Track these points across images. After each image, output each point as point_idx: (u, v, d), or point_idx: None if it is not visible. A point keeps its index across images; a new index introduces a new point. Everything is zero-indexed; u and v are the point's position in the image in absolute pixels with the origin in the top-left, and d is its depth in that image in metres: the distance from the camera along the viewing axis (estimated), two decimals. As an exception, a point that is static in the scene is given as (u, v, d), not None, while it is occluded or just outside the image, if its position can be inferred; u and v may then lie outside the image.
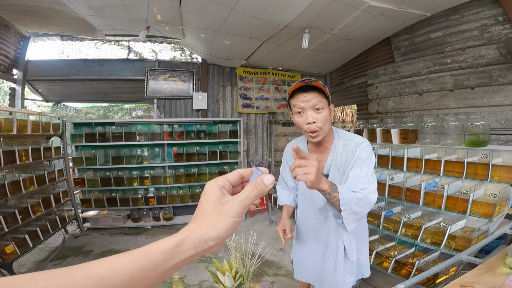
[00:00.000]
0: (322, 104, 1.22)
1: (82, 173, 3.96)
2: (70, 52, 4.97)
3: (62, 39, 4.53)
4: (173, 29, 3.87)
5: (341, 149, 1.33)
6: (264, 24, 3.32)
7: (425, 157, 2.35)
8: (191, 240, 0.41)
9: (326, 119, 1.24)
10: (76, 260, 3.09)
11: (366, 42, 4.16)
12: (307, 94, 1.21)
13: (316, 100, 1.20)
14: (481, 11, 2.91)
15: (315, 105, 1.21)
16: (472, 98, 3.05)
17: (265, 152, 5.55)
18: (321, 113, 1.22)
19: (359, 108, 5.02)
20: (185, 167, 4.26)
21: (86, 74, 4.60)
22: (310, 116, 1.21)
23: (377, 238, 2.59)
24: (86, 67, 4.60)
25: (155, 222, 4.18)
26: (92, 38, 4.68)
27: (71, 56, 4.93)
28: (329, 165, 1.35)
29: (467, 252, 1.50)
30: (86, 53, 4.96)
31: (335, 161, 1.33)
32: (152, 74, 4.74)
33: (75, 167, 3.94)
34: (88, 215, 4.06)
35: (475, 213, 1.97)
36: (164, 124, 4.25)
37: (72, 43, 4.82)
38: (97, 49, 5.08)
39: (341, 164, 1.33)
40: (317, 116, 1.22)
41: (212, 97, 5.13)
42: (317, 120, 1.21)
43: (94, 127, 3.89)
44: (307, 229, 1.51)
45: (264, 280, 2.67)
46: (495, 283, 1.07)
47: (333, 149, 1.35)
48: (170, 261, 0.40)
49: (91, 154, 3.87)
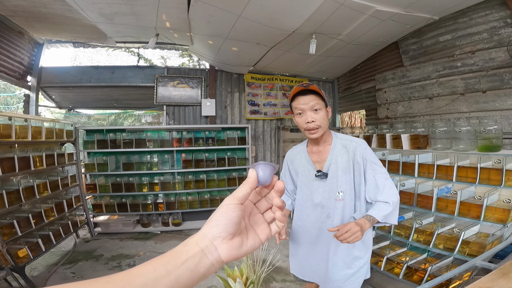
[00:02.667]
0: (320, 105, 1.39)
1: (94, 179, 4.04)
2: (83, 59, 5.09)
3: (74, 45, 4.62)
4: (182, 36, 3.94)
5: (341, 148, 1.46)
6: (271, 31, 3.36)
7: (437, 163, 2.31)
8: (194, 237, 0.44)
9: (324, 118, 1.40)
10: (87, 264, 3.13)
11: (373, 47, 4.15)
12: (306, 97, 1.38)
13: (314, 102, 1.38)
14: (489, 14, 2.87)
15: (313, 106, 1.38)
16: (484, 102, 2.99)
17: (273, 158, 5.54)
18: (319, 113, 1.39)
19: (368, 113, 4.98)
20: (194, 173, 4.30)
21: (98, 81, 4.67)
22: (309, 116, 1.38)
23: (388, 244, 2.55)
24: (98, 74, 4.67)
25: (164, 227, 4.21)
26: (104, 45, 4.76)
27: (83, 63, 5.05)
28: (328, 164, 1.46)
29: (482, 258, 1.46)
30: (97, 60, 5.07)
31: (335, 160, 1.44)
32: (161, 81, 4.81)
33: (87, 173, 4.02)
34: (99, 220, 4.12)
35: (489, 219, 1.93)
36: (173, 131, 4.32)
37: (84, 50, 4.91)
38: (108, 56, 5.18)
39: (343, 164, 1.43)
40: (315, 116, 1.38)
41: (220, 103, 5.17)
42: (315, 119, 1.38)
43: (106, 133, 3.98)
44: (306, 230, 1.56)
45: (272, 286, 2.65)
46: (510, 287, 1.05)
47: (333, 149, 1.47)
48: (177, 259, 0.41)
49: (103, 160, 3.95)
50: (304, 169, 1.54)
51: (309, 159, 1.53)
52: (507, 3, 2.69)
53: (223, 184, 4.33)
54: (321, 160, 1.49)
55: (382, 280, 2.53)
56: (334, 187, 1.44)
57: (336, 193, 1.43)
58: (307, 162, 1.54)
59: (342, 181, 1.42)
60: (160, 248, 3.60)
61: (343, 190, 1.43)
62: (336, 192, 1.43)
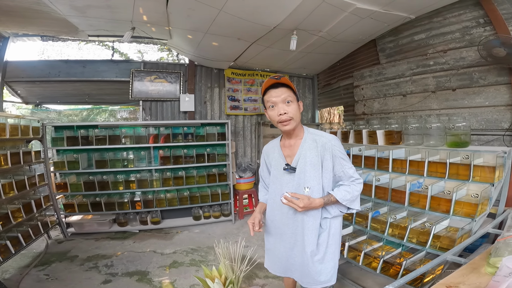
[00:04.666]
0: (291, 98, 1.42)
1: (64, 178, 3.83)
2: (51, 53, 4.81)
3: (42, 39, 4.37)
4: (160, 30, 3.79)
5: (311, 143, 1.47)
6: (252, 26, 3.31)
7: (409, 158, 2.39)
8: None
9: (296, 111, 1.43)
10: (61, 266, 3.01)
11: (352, 44, 4.21)
12: (278, 90, 1.41)
13: (285, 95, 1.41)
14: (463, 13, 2.97)
15: (285, 98, 1.40)
16: (454, 100, 3.13)
17: (253, 154, 5.54)
18: (291, 105, 1.41)
19: (345, 109, 5.08)
20: (172, 170, 4.19)
21: (67, 76, 4.45)
22: (282, 108, 1.40)
23: (365, 239, 2.62)
24: (67, 68, 4.45)
25: (142, 226, 4.09)
26: (75, 39, 4.52)
27: (52, 56, 4.77)
28: (297, 158, 1.48)
29: (452, 252, 1.53)
30: (67, 54, 4.81)
31: (304, 155, 1.46)
32: (137, 75, 4.64)
33: (57, 172, 3.80)
34: (72, 220, 3.93)
35: (458, 213, 2.02)
36: (150, 127, 4.17)
37: (53, 44, 4.65)
38: (79, 50, 4.93)
39: (311, 159, 1.45)
40: (288, 108, 1.41)
41: (200, 99, 5.07)
42: (287, 112, 1.40)
43: (76, 130, 3.77)
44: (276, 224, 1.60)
45: (255, 283, 2.65)
46: (480, 283, 1.10)
47: (303, 144, 1.49)
48: None
49: (73, 158, 3.74)
50: (277, 162, 1.56)
51: (281, 153, 1.55)
52: (481, 3, 2.77)
53: (202, 181, 4.26)
54: (292, 154, 1.51)
55: (361, 274, 2.61)
56: (302, 182, 1.46)
57: (303, 188, 1.45)
58: (279, 156, 1.56)
59: (310, 177, 1.44)
60: (139, 247, 3.50)
61: (310, 185, 1.44)
62: (303, 187, 1.45)
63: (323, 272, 1.49)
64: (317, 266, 1.48)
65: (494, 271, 1.13)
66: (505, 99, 2.68)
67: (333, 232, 1.52)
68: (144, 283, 2.69)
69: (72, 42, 4.70)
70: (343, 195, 1.42)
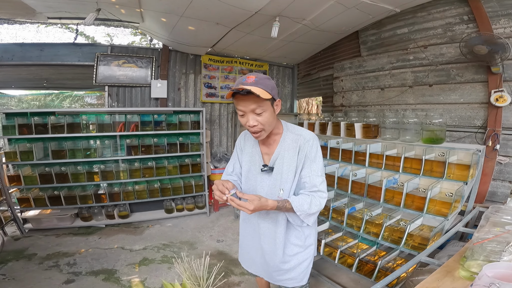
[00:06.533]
0: (262, 108, 1.21)
1: (17, 169, 3.45)
2: (5, 36, 4.43)
3: (-4, 22, 3.92)
4: (130, 12, 3.45)
5: (290, 143, 1.34)
6: (232, 10, 3.07)
7: (386, 153, 2.35)
8: None
9: (268, 120, 1.24)
10: (18, 265, 2.76)
11: (335, 35, 4.12)
12: (246, 100, 1.19)
13: (254, 106, 1.19)
14: (447, 9, 2.94)
15: (254, 109, 1.20)
16: (429, 95, 3.14)
17: (229, 143, 5.38)
18: (263, 115, 1.22)
19: (324, 100, 5.03)
20: (141, 160, 3.93)
21: (22, 59, 4.05)
22: (251, 119, 1.22)
23: (340, 236, 2.59)
24: (22, 51, 4.05)
25: (109, 220, 3.84)
26: (33, 21, 4.11)
27: (5, 40, 4.34)
28: (275, 158, 1.36)
29: (426, 253, 1.50)
30: (23, 37, 4.46)
31: (282, 155, 1.34)
32: (103, 59, 4.26)
33: (9, 163, 3.42)
34: (28, 216, 3.59)
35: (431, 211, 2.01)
36: (116, 114, 3.84)
37: (8, 27, 4.24)
38: (37, 33, 4.54)
39: (288, 160, 1.32)
40: (258, 119, 1.22)
41: (173, 85, 4.78)
42: (258, 123, 1.23)
43: (30, 117, 3.38)
44: (248, 221, 1.53)
45: (230, 280, 2.55)
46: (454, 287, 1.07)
47: (282, 142, 1.36)
48: None
49: (27, 147, 3.37)
50: (253, 158, 1.43)
51: (259, 150, 1.42)
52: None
53: (175, 172, 4.03)
54: (270, 152, 1.39)
55: (336, 270, 2.59)
56: (278, 183, 1.34)
57: (278, 190, 1.34)
58: (256, 152, 1.42)
59: (286, 179, 1.33)
60: (105, 243, 3.27)
61: (285, 188, 1.33)
62: (279, 189, 1.34)
63: (295, 278, 1.45)
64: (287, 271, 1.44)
65: (468, 275, 1.12)
66: (480, 97, 2.71)
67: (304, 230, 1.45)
68: (111, 283, 2.52)
69: (30, 25, 4.30)
70: (300, 204, 1.26)
